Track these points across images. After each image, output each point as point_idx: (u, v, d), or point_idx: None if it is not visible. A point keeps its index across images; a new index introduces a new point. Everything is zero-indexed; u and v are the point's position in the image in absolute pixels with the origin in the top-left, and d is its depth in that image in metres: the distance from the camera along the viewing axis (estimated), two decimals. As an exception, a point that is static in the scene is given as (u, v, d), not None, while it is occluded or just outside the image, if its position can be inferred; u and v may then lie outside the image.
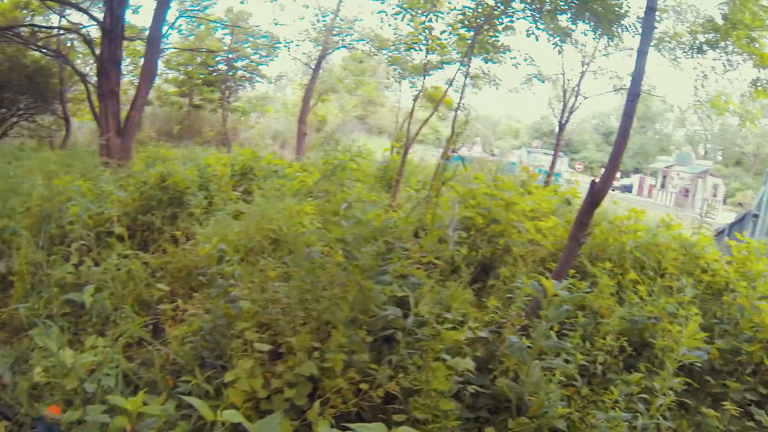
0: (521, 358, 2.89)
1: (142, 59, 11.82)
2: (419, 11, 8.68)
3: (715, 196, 35.66)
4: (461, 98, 8.77)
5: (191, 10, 18.03)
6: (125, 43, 12.43)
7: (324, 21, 18.43)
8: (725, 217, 31.04)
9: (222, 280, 3.40)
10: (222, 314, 3.41)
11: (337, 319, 3.22)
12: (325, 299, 3.32)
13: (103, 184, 6.55)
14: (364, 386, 3.05)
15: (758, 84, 8.15)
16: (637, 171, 50.09)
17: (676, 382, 3.46)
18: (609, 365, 3.87)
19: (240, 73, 21.87)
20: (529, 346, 2.98)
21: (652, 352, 3.95)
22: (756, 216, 16.46)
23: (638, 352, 4.10)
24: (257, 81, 23.05)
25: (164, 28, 12.60)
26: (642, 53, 3.94)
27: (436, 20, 8.95)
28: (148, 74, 11.04)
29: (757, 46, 7.81)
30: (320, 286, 3.40)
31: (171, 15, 15.36)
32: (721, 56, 8.60)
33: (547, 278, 3.29)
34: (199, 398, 2.87)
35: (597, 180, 3.81)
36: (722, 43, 8.33)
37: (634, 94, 3.87)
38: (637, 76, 3.93)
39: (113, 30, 10.45)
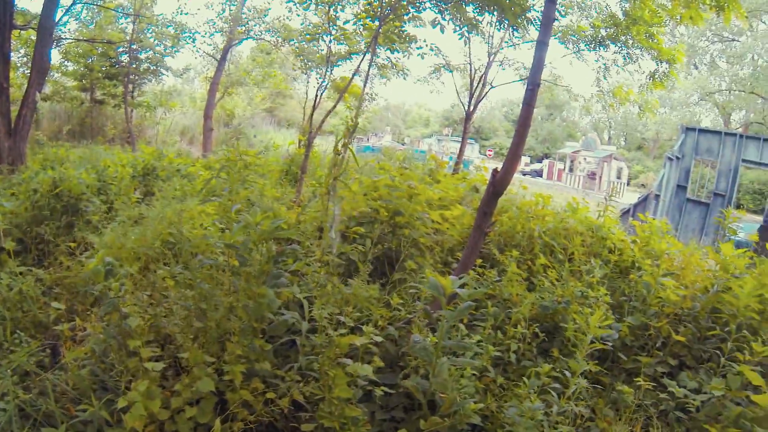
0: (426, 358, 2.74)
1: (34, 51, 10.77)
2: (325, 1, 8.47)
3: (619, 178, 37.83)
4: (364, 87, 8.61)
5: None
6: (15, 32, 11.32)
7: (231, 10, 17.78)
8: (630, 197, 33.11)
9: (112, 296, 3.08)
10: (116, 332, 3.16)
11: (233, 328, 3.05)
12: (219, 308, 3.14)
13: (-11, 193, 5.97)
14: (270, 395, 2.95)
15: (656, 76, 8.63)
16: (546, 156, 52.32)
17: (588, 365, 3.47)
18: (523, 352, 3.84)
19: (144, 65, 20.76)
20: (435, 344, 2.84)
21: (564, 336, 3.95)
22: (657, 196, 17.59)
23: (551, 335, 4.11)
24: (162, 74, 22.07)
25: (58, 16, 11.58)
26: (542, 44, 3.96)
27: (342, 10, 8.79)
28: (40, 67, 10.01)
29: (655, 41, 8.25)
30: (216, 293, 3.22)
31: (66, 0, 14.32)
32: (622, 50, 9.04)
33: (453, 269, 3.19)
34: (99, 427, 2.78)
35: (498, 169, 3.73)
36: (623, 38, 8.74)
37: (533, 84, 3.89)
38: (537, 65, 3.95)
39: (0, 17, 9.46)
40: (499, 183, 3.67)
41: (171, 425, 2.79)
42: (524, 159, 48.46)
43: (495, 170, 3.76)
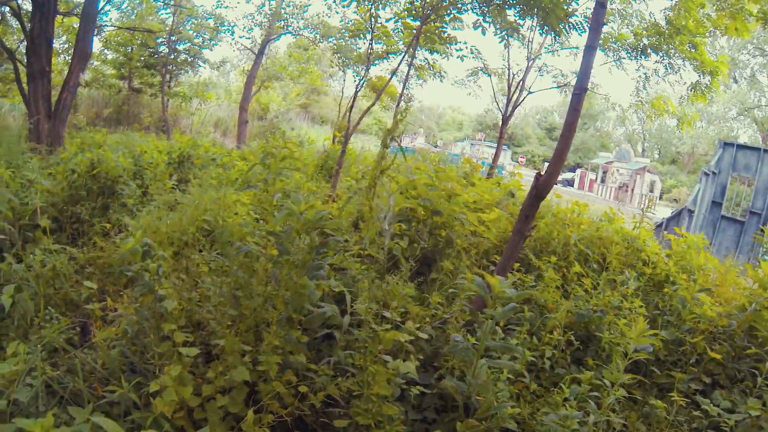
0: (466, 358, 2.76)
1: (77, 37, 11.04)
2: None
3: (652, 191, 37.21)
4: (404, 88, 8.66)
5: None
6: (59, 18, 11.59)
7: (271, 5, 17.96)
8: (662, 211, 32.60)
9: (147, 278, 3.11)
10: (149, 315, 3.16)
11: (270, 318, 3.02)
12: (257, 296, 3.11)
13: (29, 172, 6.05)
14: (303, 389, 2.90)
15: (697, 88, 8.49)
16: (578, 166, 51.74)
17: (625, 377, 3.45)
18: (557, 359, 3.84)
19: (182, 56, 21.06)
20: (474, 345, 2.85)
21: (599, 345, 3.94)
22: (691, 211, 17.26)
23: (585, 345, 4.10)
24: (200, 66, 22.34)
25: (101, 4, 11.83)
26: (590, 48, 3.92)
27: (383, 8, 8.83)
28: (82, 54, 10.27)
29: (698, 51, 8.12)
30: (252, 282, 3.19)
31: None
32: (664, 59, 8.88)
33: (491, 272, 3.21)
34: (126, 409, 2.74)
35: (542, 173, 3.74)
36: (665, 47, 8.61)
37: (581, 89, 3.85)
38: (585, 70, 3.91)
39: (44, 3, 9.69)
40: (542, 186, 3.67)
41: (200, 413, 2.76)
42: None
43: (539, 173, 3.76)
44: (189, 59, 21.42)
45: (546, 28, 8.51)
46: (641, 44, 8.88)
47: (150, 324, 3.15)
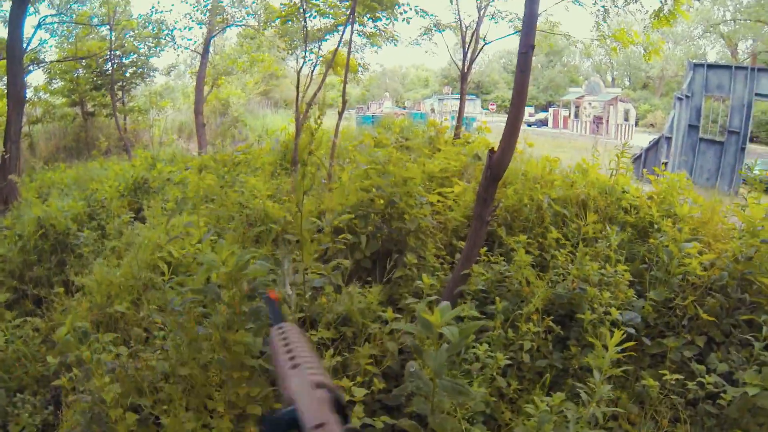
0: (423, 392, 2.38)
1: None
2: None
3: (627, 120, 37.04)
4: (348, 58, 8.14)
5: (55, 15, 16.39)
6: None
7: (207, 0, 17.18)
8: (639, 139, 32.55)
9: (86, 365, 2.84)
10: (96, 400, 2.90)
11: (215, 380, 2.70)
12: (199, 357, 2.81)
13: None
14: None
15: (660, 14, 7.99)
16: (550, 104, 51.40)
17: (609, 360, 3.15)
18: (538, 347, 3.53)
19: (130, 70, 20.51)
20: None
21: (582, 326, 3.63)
22: (669, 139, 17.08)
23: (567, 326, 3.79)
24: (150, 75, 21.80)
25: (30, 40, 11.10)
26: None
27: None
28: (16, 100, 9.65)
29: None
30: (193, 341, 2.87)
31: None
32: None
33: (455, 262, 2.84)
34: None
35: (495, 149, 3.27)
36: None
37: (526, 46, 3.32)
38: (529, 24, 3.37)
39: None
40: (496, 165, 3.22)
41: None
42: (528, 109, 47.65)
43: (492, 150, 3.29)
44: (137, 71, 20.84)
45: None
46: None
47: (100, 409, 2.94)
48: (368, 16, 8.92)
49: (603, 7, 9.08)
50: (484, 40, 12.02)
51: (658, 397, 3.41)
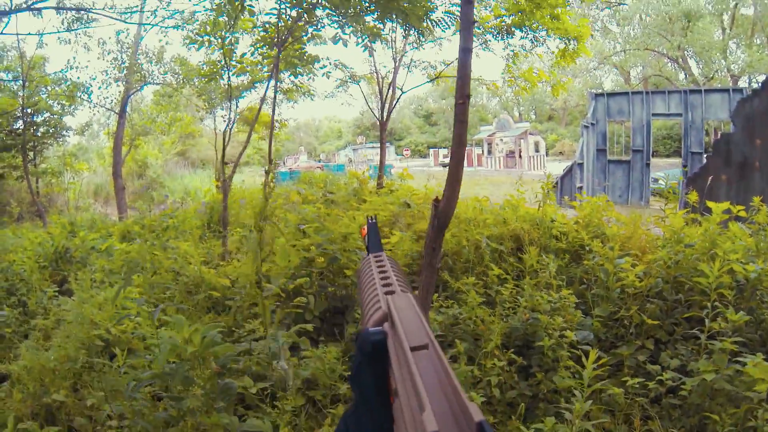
0: None
1: None
2: (220, 34, 8.04)
3: (538, 151, 39.04)
4: (273, 115, 8.27)
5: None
6: None
7: (123, 57, 16.78)
8: (552, 167, 34.30)
9: None
10: None
11: None
12: None
13: None
14: None
15: (566, 54, 8.73)
16: (462, 145, 53.29)
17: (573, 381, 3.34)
18: (504, 380, 3.66)
19: (42, 129, 19.15)
20: None
21: (542, 351, 3.81)
22: (581, 164, 18.19)
23: (525, 354, 3.95)
24: (64, 134, 20.47)
25: None
26: (465, 50, 3.55)
27: (237, 42, 8.41)
28: None
29: (560, 21, 8.34)
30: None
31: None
32: (528, 34, 9.06)
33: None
34: None
35: (439, 198, 3.41)
36: (527, 23, 8.76)
37: (463, 97, 3.43)
38: (463, 75, 3.45)
39: None
40: (443, 215, 3.36)
41: None
42: (442, 151, 49.26)
43: (436, 200, 3.43)
44: (50, 131, 19.55)
45: (407, 29, 8.51)
46: (504, 24, 9.02)
47: None
48: (289, 72, 9.10)
49: (512, 50, 9.71)
50: (401, 90, 12.50)
51: (625, 402, 3.61)
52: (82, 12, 15.31)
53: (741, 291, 4.35)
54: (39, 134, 19.21)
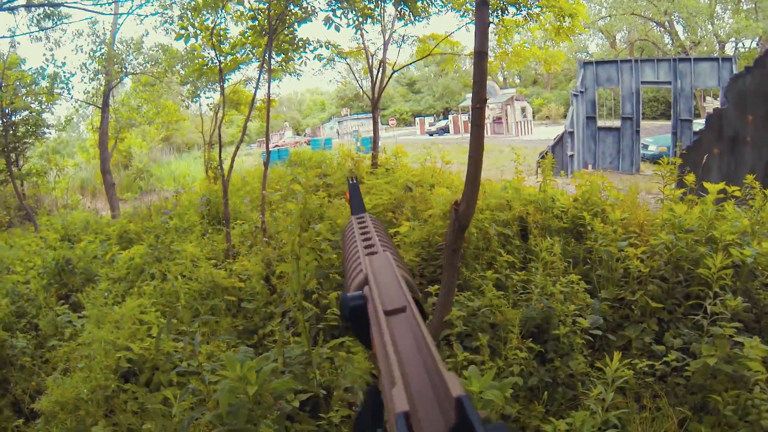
0: None
1: None
2: (206, 26, 7.99)
3: (525, 116, 39.12)
4: (268, 102, 8.29)
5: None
6: None
7: (101, 50, 16.49)
8: (539, 132, 34.62)
9: None
10: None
11: None
12: None
13: None
14: None
15: (560, 32, 8.86)
16: (447, 111, 53.23)
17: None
18: (524, 368, 3.92)
19: (22, 129, 18.74)
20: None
21: (557, 339, 4.07)
22: (571, 132, 18.43)
23: (538, 341, 4.21)
24: (45, 132, 19.88)
25: None
26: (481, 54, 3.66)
27: (227, 30, 8.37)
28: None
29: None
30: None
31: None
32: (522, 10, 9.12)
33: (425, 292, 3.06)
34: None
35: (458, 202, 3.59)
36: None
37: (480, 102, 3.61)
38: (480, 79, 3.62)
39: None
40: (463, 217, 3.55)
41: None
42: (428, 119, 49.13)
43: (456, 203, 3.62)
44: (30, 130, 18.96)
45: (402, 10, 8.57)
46: (500, 2, 9.07)
47: None
48: (281, 58, 9.11)
49: (505, 26, 9.80)
50: (392, 68, 12.50)
51: (635, 382, 3.89)
52: (53, 9, 14.99)
53: (737, 274, 4.65)
54: (19, 134, 18.86)
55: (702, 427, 3.55)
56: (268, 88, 8.12)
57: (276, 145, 32.21)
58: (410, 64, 13.95)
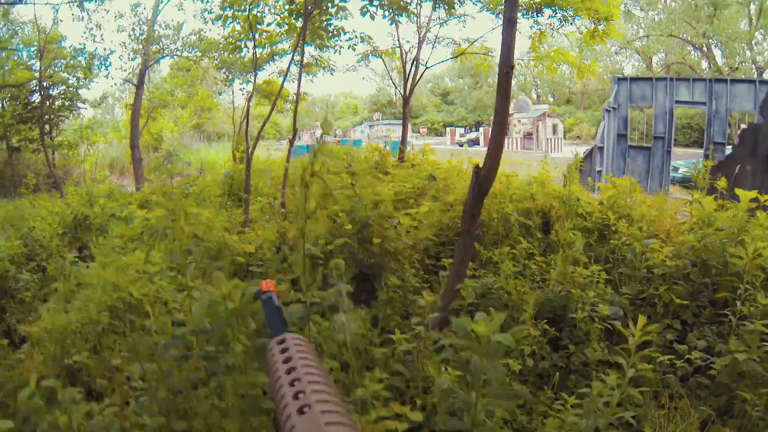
0: (465, 407, 2.36)
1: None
2: (244, 5, 7.96)
3: (555, 133, 38.81)
4: (299, 89, 8.24)
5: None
6: None
7: (142, 30, 16.79)
8: (568, 150, 34.09)
9: None
10: None
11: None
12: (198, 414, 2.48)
13: None
14: None
15: (595, 35, 8.67)
16: (479, 124, 53.09)
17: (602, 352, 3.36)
18: (536, 351, 3.70)
19: (58, 102, 19.25)
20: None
21: (572, 324, 3.84)
22: (601, 148, 18.09)
23: (554, 326, 3.98)
24: (79, 107, 20.49)
25: None
26: (509, 22, 3.56)
27: (263, 14, 8.34)
28: None
29: (590, 0, 8.24)
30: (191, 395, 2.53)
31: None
32: (557, 13, 8.96)
33: (441, 277, 2.91)
34: None
35: (480, 166, 3.42)
36: (557, 1, 8.66)
37: (508, 67, 3.49)
38: (507, 46, 3.51)
39: None
40: (484, 181, 3.37)
41: None
42: (458, 130, 49.02)
43: (477, 167, 3.45)
44: (66, 103, 19.61)
45: (436, 2, 8.45)
46: (533, 2, 8.91)
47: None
48: (314, 45, 9.06)
49: (539, 29, 9.63)
50: (425, 65, 12.41)
51: (654, 378, 3.63)
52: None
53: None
54: (55, 107, 19.27)
55: (726, 430, 3.28)
56: (300, 66, 8.04)
57: (307, 143, 32.40)
58: (444, 61, 13.83)
